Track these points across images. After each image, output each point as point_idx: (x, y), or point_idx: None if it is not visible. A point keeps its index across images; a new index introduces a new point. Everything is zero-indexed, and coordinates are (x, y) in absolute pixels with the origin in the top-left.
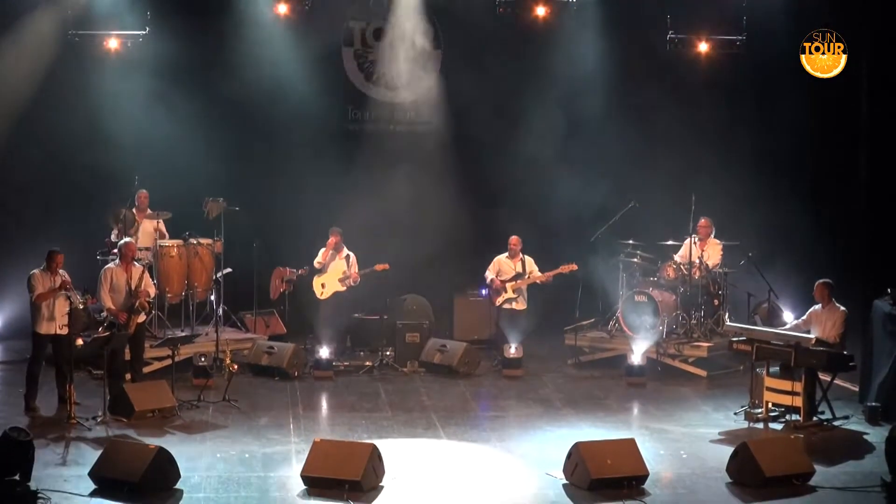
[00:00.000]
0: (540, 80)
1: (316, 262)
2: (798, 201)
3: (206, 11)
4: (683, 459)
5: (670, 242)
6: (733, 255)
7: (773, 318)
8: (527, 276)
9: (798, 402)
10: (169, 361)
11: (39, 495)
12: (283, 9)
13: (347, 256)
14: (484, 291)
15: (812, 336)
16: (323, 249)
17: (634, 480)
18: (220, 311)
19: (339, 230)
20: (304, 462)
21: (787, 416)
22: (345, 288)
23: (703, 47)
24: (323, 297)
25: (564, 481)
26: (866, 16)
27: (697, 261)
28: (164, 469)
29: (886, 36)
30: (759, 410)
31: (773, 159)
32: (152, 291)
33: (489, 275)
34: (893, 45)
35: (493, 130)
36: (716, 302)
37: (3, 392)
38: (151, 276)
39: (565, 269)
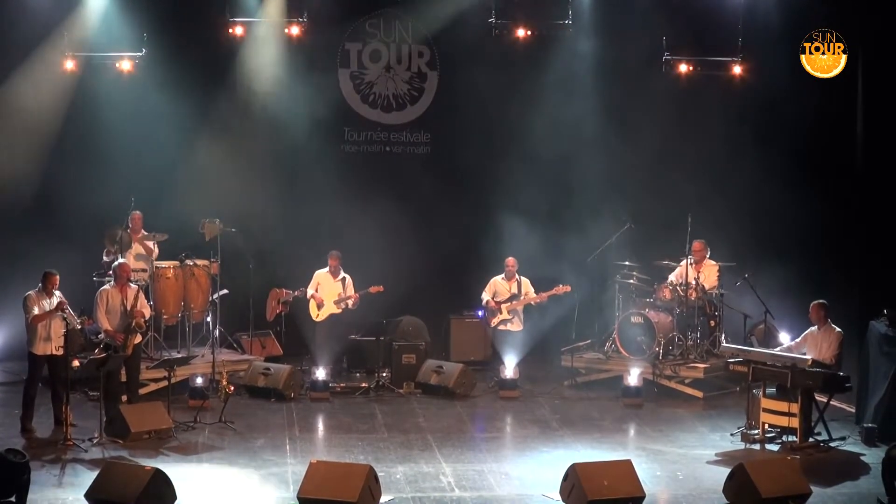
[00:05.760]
0: (535, 102)
1: (309, 296)
2: (794, 222)
3: (201, 33)
4: (680, 481)
5: (666, 263)
6: (729, 275)
7: (769, 339)
8: (522, 298)
9: (794, 423)
10: (165, 383)
11: None
12: (282, 29)
13: (343, 279)
14: (480, 313)
15: (808, 357)
16: (319, 272)
17: (631, 502)
18: (217, 333)
19: (338, 253)
20: (300, 483)
21: (784, 437)
22: (340, 310)
23: (697, 69)
24: (319, 319)
25: (561, 503)
26: (866, 16)
27: (693, 282)
28: (161, 491)
29: (886, 36)
30: (756, 431)
31: (769, 180)
32: (147, 312)
33: (485, 296)
34: (893, 45)
35: (489, 152)
36: (712, 323)
37: (0, 413)
38: (147, 298)
39: (559, 290)
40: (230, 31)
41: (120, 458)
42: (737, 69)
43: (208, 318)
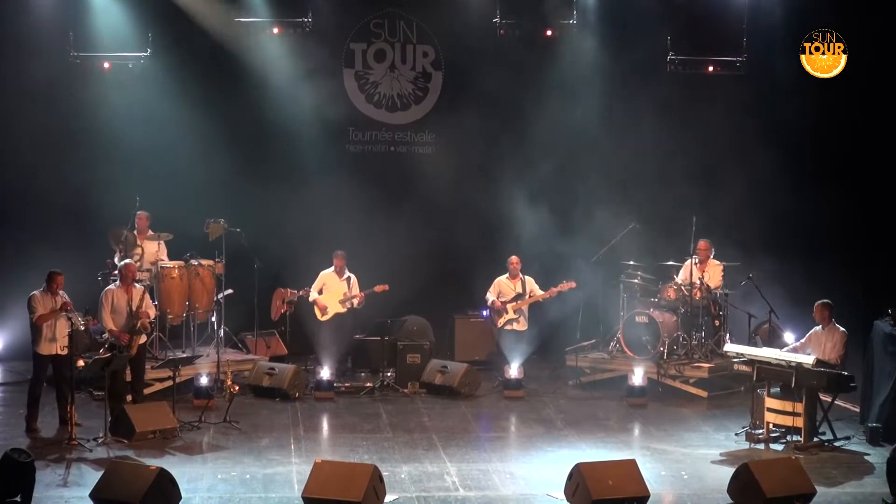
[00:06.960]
0: (540, 101)
1: (312, 299)
2: (798, 222)
3: (207, 34)
4: (684, 480)
5: (671, 263)
6: (734, 275)
7: (773, 338)
8: (527, 296)
9: (799, 422)
10: (170, 382)
11: None
12: (282, 29)
13: (348, 278)
14: (485, 313)
15: (812, 357)
16: (325, 272)
17: (635, 501)
18: (222, 333)
19: (343, 253)
20: (305, 483)
21: (788, 437)
22: (345, 309)
23: (703, 68)
24: (324, 319)
25: (565, 502)
26: (866, 16)
27: (698, 282)
28: (166, 490)
29: (886, 36)
30: (760, 431)
31: (772, 179)
32: (152, 312)
33: (490, 296)
34: (893, 45)
35: (494, 151)
36: (716, 323)
37: (5, 413)
38: (152, 298)
39: (564, 286)
40: (234, 30)
41: (125, 457)
42: (740, 69)
43: (213, 318)
